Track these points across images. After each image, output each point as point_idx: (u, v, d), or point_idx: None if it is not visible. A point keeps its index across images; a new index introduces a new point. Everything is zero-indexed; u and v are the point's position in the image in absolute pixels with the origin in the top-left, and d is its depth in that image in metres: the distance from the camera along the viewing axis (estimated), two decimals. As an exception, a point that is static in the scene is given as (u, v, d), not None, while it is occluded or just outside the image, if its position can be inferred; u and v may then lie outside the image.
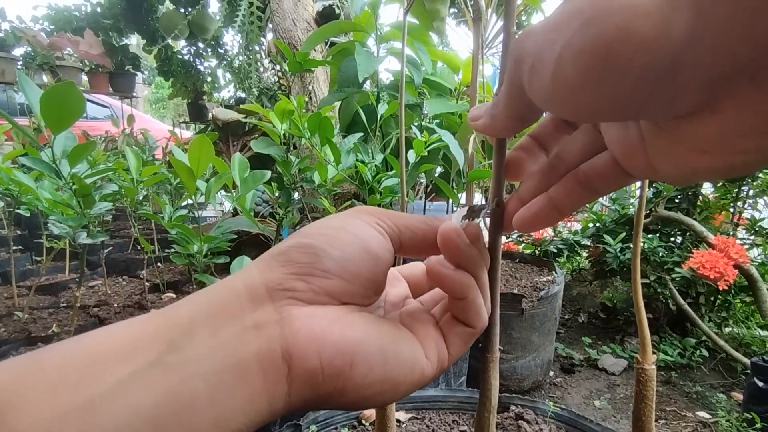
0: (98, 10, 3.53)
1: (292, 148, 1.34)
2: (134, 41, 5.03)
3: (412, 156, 1.23)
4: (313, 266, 0.24)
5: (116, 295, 1.66)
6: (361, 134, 1.23)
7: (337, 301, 0.24)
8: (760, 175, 1.79)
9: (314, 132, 1.09)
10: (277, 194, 1.31)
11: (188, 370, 0.20)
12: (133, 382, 0.18)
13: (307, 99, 2.14)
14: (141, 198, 1.60)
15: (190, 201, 1.31)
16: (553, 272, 1.64)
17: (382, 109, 1.29)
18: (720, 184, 1.87)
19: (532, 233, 2.15)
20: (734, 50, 0.14)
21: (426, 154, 1.17)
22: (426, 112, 1.60)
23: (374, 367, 0.23)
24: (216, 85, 4.08)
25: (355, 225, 0.26)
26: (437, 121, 1.63)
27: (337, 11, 2.37)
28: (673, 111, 0.17)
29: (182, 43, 3.87)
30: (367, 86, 1.62)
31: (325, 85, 2.34)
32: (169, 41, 3.62)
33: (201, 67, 3.97)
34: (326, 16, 2.39)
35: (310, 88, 2.23)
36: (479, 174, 1.29)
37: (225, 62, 3.89)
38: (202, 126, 3.89)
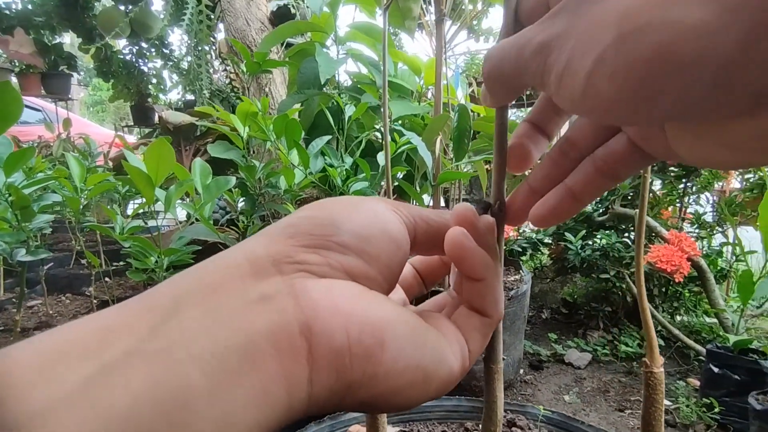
0: (29, 7, 3.26)
1: (252, 152, 1.28)
2: (68, 40, 4.69)
3: (381, 159, 1.20)
4: (328, 239, 0.20)
5: (59, 315, 1.52)
6: (329, 137, 1.19)
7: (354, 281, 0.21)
8: (703, 172, 1.90)
9: (280, 135, 1.04)
10: (240, 200, 1.24)
11: (177, 356, 0.15)
12: (103, 380, 0.14)
13: (264, 101, 2.07)
14: (82, 207, 1.48)
15: (144, 210, 1.22)
16: (520, 271, 1.67)
17: (349, 111, 1.25)
18: (667, 181, 1.97)
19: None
20: None
21: (392, 155, 1.15)
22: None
23: (406, 350, 0.20)
24: (162, 87, 3.87)
25: (374, 205, 0.23)
26: (399, 122, 1.61)
27: (292, 11, 2.31)
28: (711, 119, 0.16)
29: (123, 42, 3.63)
30: (325, 88, 1.58)
31: (283, 87, 2.27)
32: (108, 40, 3.39)
33: (145, 68, 3.74)
34: (281, 16, 2.32)
35: (267, 89, 2.15)
36: (449, 176, 1.29)
37: (171, 63, 3.69)
38: (148, 130, 3.68)
